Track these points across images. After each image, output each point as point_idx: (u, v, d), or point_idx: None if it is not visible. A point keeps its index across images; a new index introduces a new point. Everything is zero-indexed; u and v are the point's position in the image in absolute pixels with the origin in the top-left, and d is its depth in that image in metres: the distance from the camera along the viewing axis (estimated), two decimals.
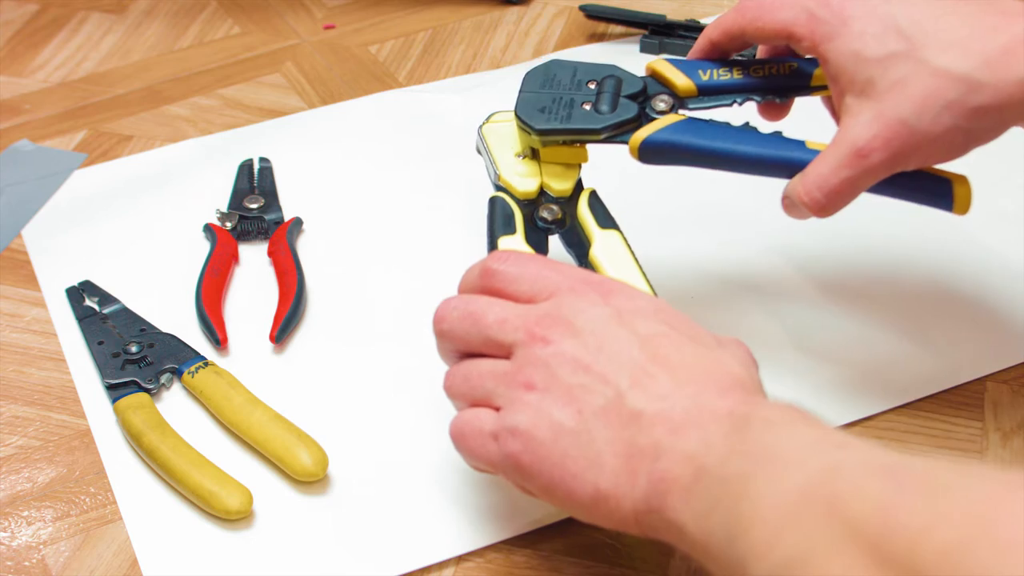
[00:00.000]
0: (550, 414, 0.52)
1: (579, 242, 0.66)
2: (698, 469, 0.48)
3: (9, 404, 0.71)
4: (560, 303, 0.55)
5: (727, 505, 0.46)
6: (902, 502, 0.39)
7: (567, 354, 0.53)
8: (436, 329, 0.59)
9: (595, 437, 0.51)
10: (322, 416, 0.68)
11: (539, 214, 0.67)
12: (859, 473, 0.42)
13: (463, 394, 0.57)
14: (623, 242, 0.66)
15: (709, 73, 0.66)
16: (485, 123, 0.71)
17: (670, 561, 0.61)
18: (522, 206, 0.67)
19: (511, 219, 0.66)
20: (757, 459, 0.46)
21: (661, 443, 0.50)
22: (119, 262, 0.79)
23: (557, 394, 0.52)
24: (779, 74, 0.66)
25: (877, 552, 0.38)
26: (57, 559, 0.62)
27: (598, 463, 0.51)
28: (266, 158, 0.86)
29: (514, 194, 0.67)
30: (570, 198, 0.67)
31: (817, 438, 0.46)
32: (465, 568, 0.61)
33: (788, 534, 0.42)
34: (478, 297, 0.58)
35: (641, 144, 0.65)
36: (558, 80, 0.68)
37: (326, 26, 1.03)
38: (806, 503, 0.42)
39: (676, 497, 0.49)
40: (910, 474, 0.41)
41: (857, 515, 0.40)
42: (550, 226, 0.67)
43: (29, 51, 1.01)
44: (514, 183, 0.67)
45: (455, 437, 0.57)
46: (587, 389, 0.52)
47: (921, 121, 0.57)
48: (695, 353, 0.52)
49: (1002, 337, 0.72)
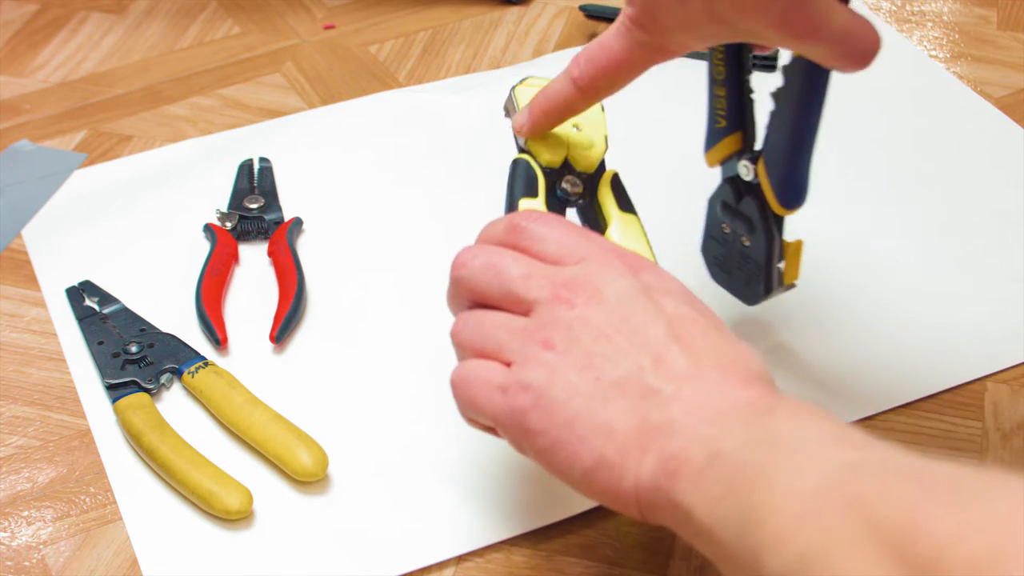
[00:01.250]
0: (566, 375, 0.50)
1: (596, 220, 0.65)
2: (713, 453, 0.46)
3: (9, 404, 0.71)
4: (588, 269, 0.53)
5: (741, 493, 0.44)
6: (929, 508, 0.38)
7: (591, 320, 0.51)
8: (454, 274, 0.56)
9: (609, 405, 0.50)
10: (322, 416, 0.68)
11: (561, 184, 0.65)
12: (884, 473, 0.41)
13: (472, 343, 0.54)
14: (640, 228, 0.65)
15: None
16: (519, 84, 0.69)
17: (670, 561, 0.61)
18: (545, 173, 0.65)
19: (534, 182, 0.64)
20: (777, 450, 0.44)
21: (677, 422, 0.48)
22: (119, 262, 0.79)
23: (576, 357, 0.51)
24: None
25: (900, 557, 0.37)
26: (57, 559, 0.62)
27: (608, 430, 0.49)
28: (266, 158, 0.86)
29: (539, 159, 0.65)
30: (592, 176, 0.66)
31: (840, 435, 0.45)
32: (465, 568, 0.61)
33: (806, 528, 0.41)
34: (503, 250, 0.55)
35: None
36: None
37: (326, 26, 1.03)
38: (826, 498, 0.41)
39: (687, 479, 0.47)
40: (936, 479, 0.40)
41: (881, 516, 0.39)
42: (570, 197, 0.65)
43: (29, 51, 1.01)
44: (540, 149, 0.65)
45: (457, 384, 0.54)
46: (607, 358, 0.50)
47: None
48: (720, 341, 0.51)
49: (1002, 337, 0.72)
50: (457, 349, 0.56)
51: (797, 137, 0.61)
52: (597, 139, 0.67)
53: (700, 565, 0.61)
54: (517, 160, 0.65)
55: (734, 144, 0.65)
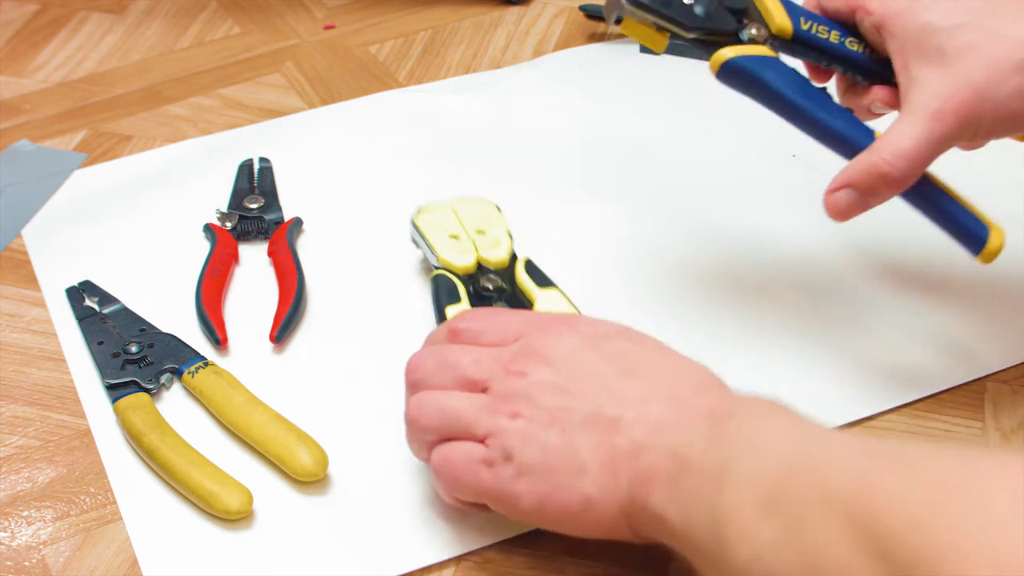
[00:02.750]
0: (536, 435, 0.54)
1: (522, 305, 0.71)
2: (680, 462, 0.49)
3: (9, 404, 0.71)
4: (530, 340, 0.57)
5: (709, 495, 0.47)
6: (875, 471, 0.41)
7: (544, 381, 0.56)
8: (410, 379, 0.60)
9: (578, 446, 0.53)
10: (322, 416, 0.68)
11: (481, 284, 0.71)
12: (836, 452, 0.44)
13: (436, 426, 0.58)
14: (562, 295, 0.70)
15: (810, 25, 0.65)
16: (416, 215, 0.75)
17: (670, 562, 0.61)
18: (463, 281, 0.71)
19: (455, 290, 0.70)
20: (737, 448, 0.48)
21: (642, 442, 0.51)
22: (119, 262, 0.79)
23: (541, 418, 0.55)
24: (873, 57, 0.65)
25: (854, 521, 0.40)
26: (57, 559, 0.62)
27: (582, 469, 0.53)
28: (266, 158, 0.86)
29: (455, 271, 0.72)
30: (507, 268, 0.72)
31: (795, 427, 0.48)
32: (465, 568, 0.61)
33: (771, 515, 0.44)
34: (451, 346, 0.59)
35: (725, 63, 0.64)
36: None
37: (326, 26, 1.03)
38: (786, 485, 0.44)
39: (659, 490, 0.50)
40: (884, 450, 0.43)
41: (835, 490, 0.42)
42: (492, 295, 0.71)
43: (29, 51, 1.01)
44: (453, 261, 0.72)
45: (442, 466, 0.57)
46: (567, 408, 0.54)
47: (990, 83, 0.58)
48: (664, 361, 0.55)
49: (1002, 337, 0.72)
50: (417, 433, 0.59)
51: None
52: (501, 237, 0.74)
53: None
54: (435, 276, 0.72)
55: None
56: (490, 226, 0.75)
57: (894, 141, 0.60)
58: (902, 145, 0.59)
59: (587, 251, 0.79)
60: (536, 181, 0.85)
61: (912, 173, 0.60)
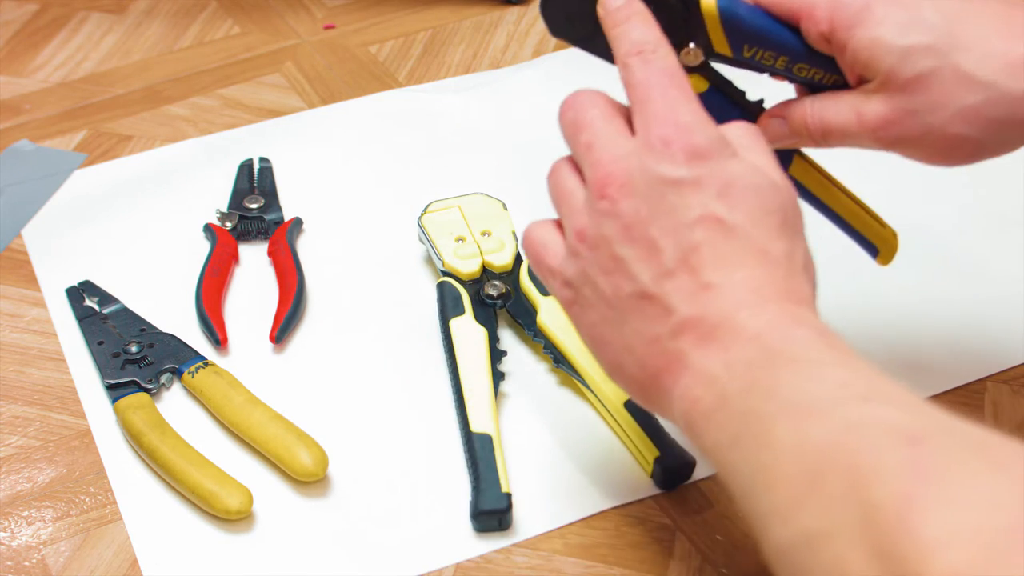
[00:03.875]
0: (596, 282, 0.52)
1: (526, 312, 0.71)
2: (719, 395, 0.47)
3: (9, 404, 0.71)
4: (643, 169, 0.51)
5: (748, 448, 0.45)
6: (922, 498, 0.38)
7: (622, 216, 0.51)
8: (561, 109, 0.57)
9: (627, 326, 0.51)
10: (322, 416, 0.68)
11: (485, 291, 0.72)
12: (882, 439, 0.41)
13: (551, 193, 0.56)
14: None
15: (754, 52, 0.59)
16: (423, 214, 0.76)
17: (670, 561, 0.61)
18: (468, 286, 0.72)
19: (459, 301, 0.71)
20: (780, 402, 0.45)
21: (686, 353, 0.49)
22: (119, 262, 0.79)
23: (602, 264, 0.51)
24: (825, 81, 0.60)
25: (889, 553, 0.37)
26: (57, 559, 0.62)
27: (629, 349, 0.51)
28: (266, 158, 0.86)
29: (459, 276, 0.73)
30: (511, 272, 0.73)
31: (843, 385, 0.44)
32: (465, 568, 0.61)
33: (809, 504, 0.41)
34: (596, 124, 0.55)
35: None
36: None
37: (326, 26, 1.03)
38: (828, 465, 0.41)
39: (699, 420, 0.48)
40: (935, 455, 0.39)
41: (877, 501, 0.39)
42: (496, 302, 0.72)
43: (29, 51, 1.01)
44: (457, 266, 0.73)
45: (526, 247, 0.57)
46: (627, 272, 0.51)
47: (934, 119, 0.55)
48: (742, 251, 0.50)
49: (1002, 338, 0.72)
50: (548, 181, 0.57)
51: None
52: (506, 238, 0.75)
53: (700, 565, 0.61)
54: (440, 283, 0.73)
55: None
56: (496, 226, 0.75)
57: (829, 111, 0.59)
58: (832, 121, 0.58)
59: None
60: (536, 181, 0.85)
61: (831, 142, 0.59)
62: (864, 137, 0.58)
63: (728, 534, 0.62)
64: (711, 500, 0.64)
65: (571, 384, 0.70)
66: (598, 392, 0.67)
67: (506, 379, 0.69)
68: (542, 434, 0.67)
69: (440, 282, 0.73)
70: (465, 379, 0.67)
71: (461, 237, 0.75)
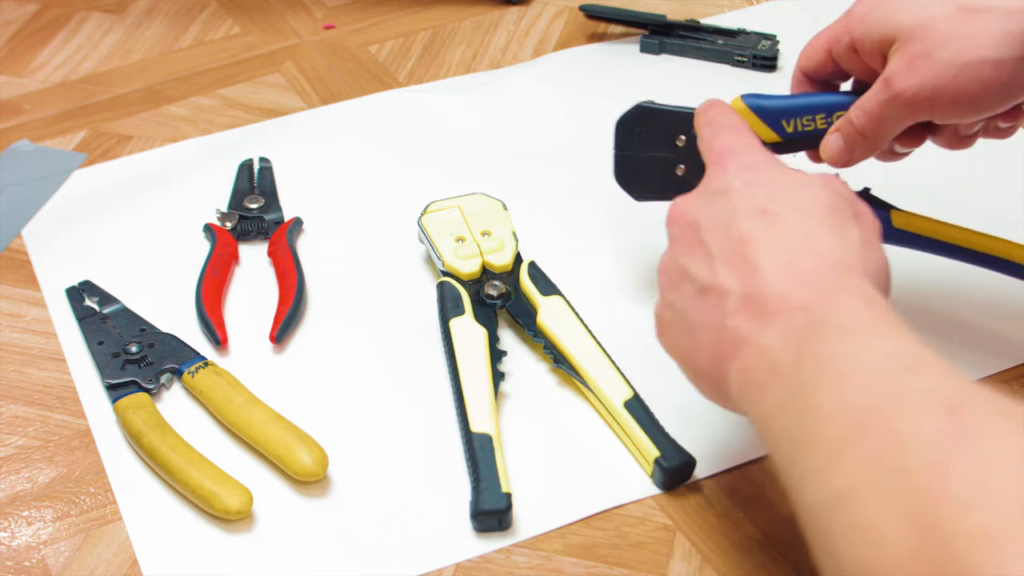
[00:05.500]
0: (665, 295, 0.57)
1: (526, 312, 0.71)
2: (772, 366, 0.49)
3: (9, 404, 0.71)
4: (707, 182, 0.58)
5: (793, 412, 0.47)
6: (955, 462, 0.39)
7: (679, 239, 0.57)
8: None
9: (693, 319, 0.54)
10: (322, 416, 0.68)
11: (485, 291, 0.72)
12: (922, 408, 0.42)
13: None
14: (566, 305, 0.71)
15: (794, 123, 0.66)
16: (423, 214, 0.76)
17: (670, 561, 0.61)
18: (468, 286, 0.72)
19: (459, 301, 0.71)
20: (826, 369, 0.46)
21: (743, 331, 0.51)
22: (119, 262, 0.79)
23: (673, 275, 0.56)
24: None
25: (920, 513, 0.39)
26: (57, 559, 0.62)
27: (696, 342, 0.54)
28: (266, 158, 0.86)
29: (459, 277, 0.73)
30: (511, 272, 0.73)
31: (888, 355, 0.46)
32: (465, 568, 0.61)
33: (843, 465, 0.42)
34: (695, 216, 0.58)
35: None
36: (649, 135, 0.69)
37: (326, 26, 1.03)
38: (866, 430, 0.42)
39: (753, 391, 0.50)
40: (972, 422, 0.40)
41: (911, 463, 0.40)
42: (496, 302, 0.72)
43: (29, 51, 1.01)
44: (457, 266, 0.73)
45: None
46: (687, 274, 0.55)
47: (947, 53, 0.59)
48: (789, 235, 0.53)
49: (1002, 338, 0.72)
50: None
51: None
52: (506, 238, 0.75)
53: (700, 565, 0.61)
54: (441, 283, 0.73)
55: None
56: (496, 226, 0.75)
57: (862, 101, 0.63)
58: (866, 105, 0.63)
59: (588, 250, 0.79)
60: (536, 181, 0.85)
61: (875, 128, 0.63)
62: (895, 104, 0.61)
63: (728, 534, 0.62)
64: (711, 500, 0.64)
65: (571, 384, 0.70)
66: (598, 392, 0.67)
67: (506, 379, 0.69)
68: (542, 434, 0.67)
69: (440, 282, 0.73)
70: (465, 379, 0.67)
71: (461, 237, 0.75)
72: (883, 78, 0.61)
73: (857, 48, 0.64)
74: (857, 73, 0.65)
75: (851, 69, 0.65)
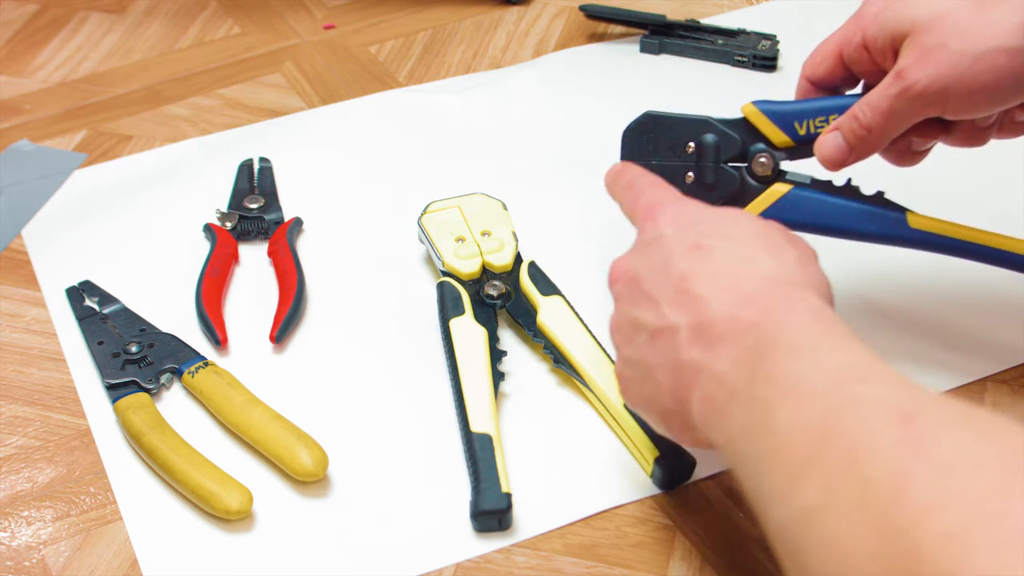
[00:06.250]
0: (621, 353, 0.58)
1: (526, 312, 0.72)
2: (730, 390, 0.49)
3: (9, 404, 0.71)
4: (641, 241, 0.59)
5: (755, 433, 0.47)
6: (914, 470, 0.39)
7: (625, 293, 0.58)
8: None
9: (649, 364, 0.55)
10: (322, 416, 0.68)
11: (485, 291, 0.72)
12: (876, 417, 0.42)
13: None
14: (566, 305, 0.71)
15: (806, 124, 0.66)
16: (423, 214, 0.76)
17: (670, 561, 0.61)
18: (468, 286, 0.72)
19: (459, 301, 0.71)
20: (780, 388, 0.46)
21: (697, 361, 0.51)
22: (119, 262, 0.79)
23: (624, 328, 0.57)
24: None
25: (884, 523, 0.39)
26: (57, 559, 0.62)
27: (656, 385, 0.54)
28: (266, 158, 0.86)
29: (459, 276, 0.73)
30: (511, 272, 0.73)
31: (839, 366, 0.46)
32: (465, 568, 0.61)
33: (807, 482, 0.43)
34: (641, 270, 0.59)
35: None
36: (657, 143, 0.69)
37: (326, 26, 1.03)
38: (826, 444, 0.43)
39: (714, 417, 0.50)
40: (926, 429, 0.41)
41: (871, 474, 0.40)
42: (496, 302, 0.72)
43: (29, 51, 1.01)
44: (457, 266, 0.73)
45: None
46: (636, 322, 0.56)
47: (962, 44, 0.59)
48: (722, 261, 0.54)
49: (1002, 338, 0.72)
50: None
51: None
52: (506, 238, 0.75)
53: (700, 565, 0.61)
54: (441, 283, 0.73)
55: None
56: (496, 226, 0.75)
57: (869, 96, 0.63)
58: (873, 99, 0.62)
59: (588, 249, 0.79)
60: (536, 181, 0.85)
61: (882, 124, 0.62)
62: (906, 97, 0.61)
63: (728, 534, 0.62)
64: (711, 500, 0.64)
65: (571, 384, 0.70)
66: (598, 392, 0.67)
67: (506, 379, 0.69)
68: (542, 434, 0.67)
69: (440, 282, 0.73)
70: (465, 379, 0.67)
71: (461, 237, 0.75)
72: (895, 71, 0.61)
73: (869, 47, 0.63)
74: (868, 76, 0.65)
75: (862, 72, 0.65)
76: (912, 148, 0.67)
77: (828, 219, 0.67)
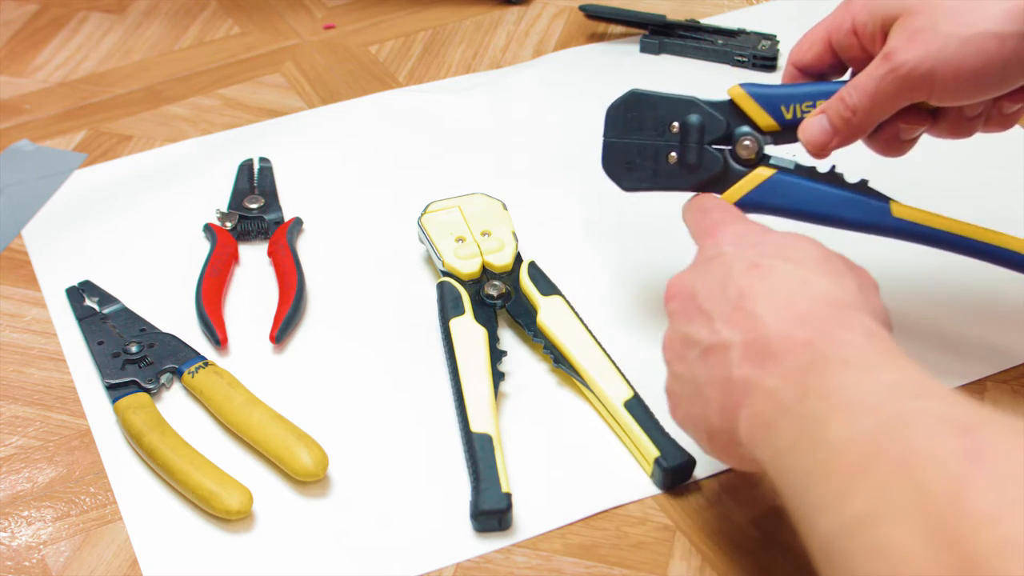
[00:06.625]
0: (672, 370, 0.58)
1: (526, 312, 0.72)
2: (779, 406, 0.49)
3: (9, 404, 0.71)
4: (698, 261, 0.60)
5: (804, 447, 0.46)
6: (974, 478, 0.39)
7: (678, 313, 0.57)
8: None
9: (700, 381, 0.54)
10: (322, 416, 0.68)
11: (485, 292, 0.72)
12: (934, 429, 0.42)
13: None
14: (566, 305, 0.71)
15: (793, 109, 0.66)
16: (423, 214, 0.76)
17: (670, 561, 0.61)
18: (468, 286, 0.72)
19: (459, 301, 0.71)
20: (832, 403, 0.46)
21: (749, 379, 0.51)
22: (119, 262, 0.79)
23: (675, 346, 0.57)
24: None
25: (941, 529, 0.39)
26: (57, 559, 0.62)
27: (705, 403, 0.54)
28: (266, 158, 0.86)
29: (459, 277, 0.72)
30: (511, 272, 0.73)
31: (893, 383, 0.46)
32: (465, 568, 0.61)
33: (860, 490, 0.42)
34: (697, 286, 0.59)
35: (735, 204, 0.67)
36: (641, 122, 0.68)
37: (326, 26, 1.03)
38: (879, 454, 0.42)
39: (761, 431, 0.50)
40: (985, 441, 0.41)
41: (928, 482, 0.40)
42: (496, 302, 0.72)
43: (29, 51, 1.01)
44: (457, 266, 0.73)
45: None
46: (687, 338, 0.56)
47: (952, 26, 0.59)
48: (778, 282, 0.54)
49: (1002, 338, 0.72)
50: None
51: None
52: (506, 238, 0.75)
53: (700, 565, 0.61)
54: (441, 283, 0.73)
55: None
56: (496, 226, 0.75)
57: (856, 79, 0.63)
58: (860, 81, 0.62)
59: (588, 250, 0.79)
60: (536, 181, 0.85)
61: (868, 106, 0.62)
62: (892, 78, 0.61)
63: (728, 534, 0.62)
64: (711, 500, 0.64)
65: (571, 384, 0.70)
66: (598, 392, 0.67)
67: (506, 379, 0.69)
68: (542, 434, 0.67)
69: (440, 282, 0.73)
70: (465, 379, 0.67)
71: (461, 237, 0.75)
72: (882, 53, 0.61)
73: (859, 33, 0.63)
74: (856, 63, 0.65)
75: (850, 59, 0.65)
76: (899, 137, 0.66)
77: (810, 205, 0.66)
